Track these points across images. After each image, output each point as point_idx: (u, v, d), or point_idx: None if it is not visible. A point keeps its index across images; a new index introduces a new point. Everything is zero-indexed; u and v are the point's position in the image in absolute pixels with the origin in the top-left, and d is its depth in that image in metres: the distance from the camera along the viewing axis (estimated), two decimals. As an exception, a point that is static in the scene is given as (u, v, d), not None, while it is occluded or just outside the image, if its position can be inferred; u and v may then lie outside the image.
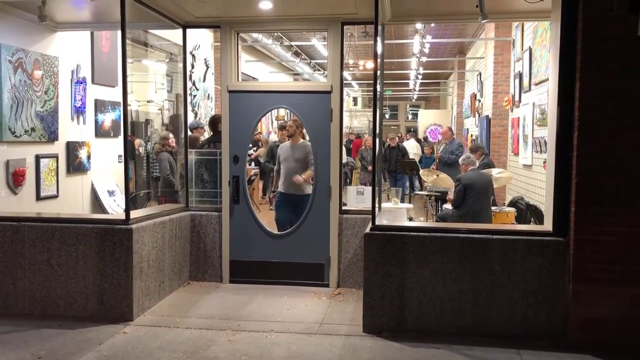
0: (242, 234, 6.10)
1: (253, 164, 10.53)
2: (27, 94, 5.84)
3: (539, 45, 7.34)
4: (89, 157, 6.85)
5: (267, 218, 7.52)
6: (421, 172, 10.36)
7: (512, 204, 7.78)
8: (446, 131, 11.07)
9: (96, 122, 6.97)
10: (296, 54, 12.23)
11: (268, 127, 15.32)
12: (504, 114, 9.86)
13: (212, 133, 6.99)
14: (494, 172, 7.57)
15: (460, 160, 7.10)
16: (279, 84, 13.04)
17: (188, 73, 6.77)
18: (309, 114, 6.02)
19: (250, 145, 7.70)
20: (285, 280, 5.99)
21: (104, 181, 7.08)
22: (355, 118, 26.12)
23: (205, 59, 7.99)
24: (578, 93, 4.25)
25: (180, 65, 6.65)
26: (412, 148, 15.58)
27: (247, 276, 6.07)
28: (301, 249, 6.01)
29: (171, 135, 7.15)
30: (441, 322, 4.56)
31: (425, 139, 18.40)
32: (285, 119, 11.80)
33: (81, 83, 6.68)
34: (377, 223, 4.81)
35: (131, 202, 5.53)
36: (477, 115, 12.17)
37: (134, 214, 5.19)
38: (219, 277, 6.09)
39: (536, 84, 7.37)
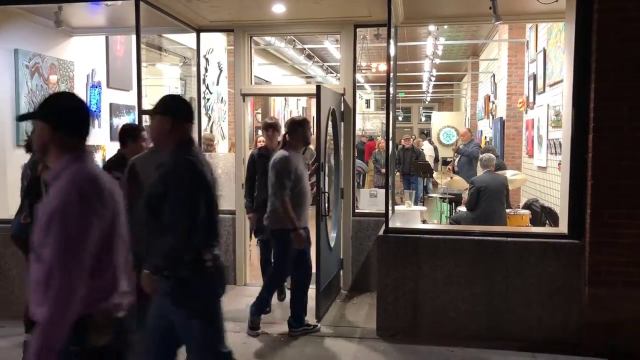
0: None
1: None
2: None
3: (553, 46, 7.27)
4: (103, 161, 6.90)
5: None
6: (435, 174, 10.31)
7: (527, 206, 7.71)
8: (465, 132, 11.03)
9: (111, 126, 7.02)
10: (309, 56, 12.21)
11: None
12: (518, 115, 9.78)
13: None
14: (509, 174, 7.51)
15: (480, 157, 6.99)
16: (292, 86, 13.06)
17: (202, 77, 6.81)
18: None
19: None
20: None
21: (118, 184, 7.14)
22: (368, 120, 26.05)
23: (218, 63, 8.01)
24: (593, 94, 4.21)
25: (194, 69, 6.69)
26: (427, 151, 15.55)
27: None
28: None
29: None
30: (455, 325, 4.53)
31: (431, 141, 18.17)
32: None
33: (96, 87, 6.75)
34: (390, 225, 4.81)
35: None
36: (491, 117, 12.08)
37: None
38: (233, 279, 6.11)
39: (550, 86, 7.30)
